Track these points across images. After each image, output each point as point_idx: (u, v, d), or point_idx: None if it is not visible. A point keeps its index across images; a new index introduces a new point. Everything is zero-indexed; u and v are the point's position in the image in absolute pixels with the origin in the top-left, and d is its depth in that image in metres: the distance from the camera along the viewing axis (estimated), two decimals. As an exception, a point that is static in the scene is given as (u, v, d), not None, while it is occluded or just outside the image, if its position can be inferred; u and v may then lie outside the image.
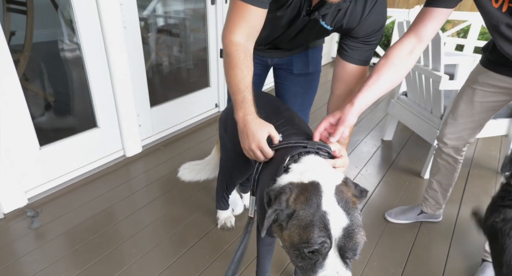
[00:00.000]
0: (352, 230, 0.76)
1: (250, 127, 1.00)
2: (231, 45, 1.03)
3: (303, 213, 0.78)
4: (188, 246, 1.73)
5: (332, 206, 0.78)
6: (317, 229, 0.75)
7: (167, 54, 3.32)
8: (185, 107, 2.89)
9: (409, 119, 2.53)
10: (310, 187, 0.82)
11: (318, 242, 0.74)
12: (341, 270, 0.76)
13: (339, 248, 0.76)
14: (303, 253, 0.77)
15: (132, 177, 2.31)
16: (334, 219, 0.76)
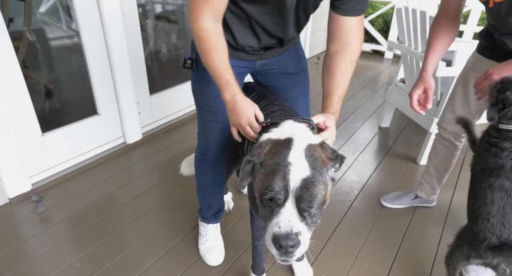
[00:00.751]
0: (311, 182, 0.77)
1: (238, 105, 1.02)
2: (201, 30, 1.00)
3: (270, 162, 0.82)
4: (188, 229, 1.78)
5: (297, 158, 0.80)
6: (276, 176, 0.78)
7: (165, 41, 3.31)
8: (184, 95, 2.90)
9: (406, 106, 2.54)
10: (284, 142, 0.86)
11: (275, 189, 0.77)
12: (294, 219, 0.77)
13: (296, 198, 0.77)
14: (264, 201, 0.80)
15: (132, 164, 2.35)
16: (296, 169, 0.78)
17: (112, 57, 2.15)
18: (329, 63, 1.16)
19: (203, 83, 1.27)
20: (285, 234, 0.76)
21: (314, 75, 4.08)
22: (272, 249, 0.79)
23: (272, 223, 0.79)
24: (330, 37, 1.17)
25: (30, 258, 1.59)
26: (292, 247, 0.76)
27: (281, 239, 0.75)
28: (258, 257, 1.38)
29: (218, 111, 1.28)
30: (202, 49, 1.02)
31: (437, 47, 1.39)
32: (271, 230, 0.78)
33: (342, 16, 1.09)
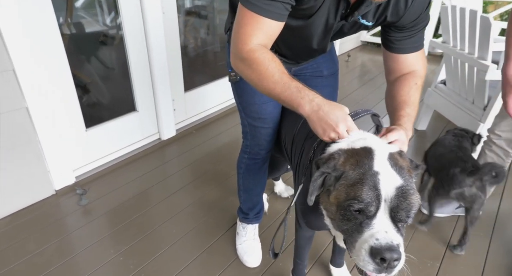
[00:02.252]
0: (407, 190, 0.72)
1: (330, 108, 0.87)
2: (252, 52, 0.91)
3: (352, 173, 0.76)
4: (224, 228, 1.80)
5: (384, 167, 0.75)
6: (365, 186, 0.72)
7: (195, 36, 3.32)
8: (216, 92, 2.91)
9: (447, 109, 2.45)
10: (362, 151, 0.80)
11: (365, 200, 0.71)
12: (391, 231, 0.71)
13: (391, 209, 0.72)
14: (349, 212, 0.74)
15: (167, 160, 2.39)
16: (386, 179, 0.73)
17: (151, 55, 2.18)
18: (391, 88, 1.07)
19: (248, 93, 1.28)
20: (386, 246, 0.70)
21: (345, 73, 4.01)
22: (369, 265, 0.72)
23: (365, 236, 0.73)
24: (388, 70, 1.12)
25: (76, 250, 1.66)
26: (395, 260, 0.70)
27: (384, 252, 0.69)
28: (301, 264, 1.37)
29: (267, 118, 1.31)
30: (257, 72, 0.92)
31: None
32: (366, 244, 0.72)
33: (399, 54, 1.05)
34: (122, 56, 2.16)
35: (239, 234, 1.68)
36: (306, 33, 1.04)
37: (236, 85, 1.31)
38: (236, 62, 0.97)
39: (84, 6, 2.29)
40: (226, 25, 1.31)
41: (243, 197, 1.60)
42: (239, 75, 1.24)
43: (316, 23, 0.99)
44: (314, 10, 0.94)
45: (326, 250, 1.66)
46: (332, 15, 0.97)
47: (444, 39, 2.38)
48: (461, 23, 2.10)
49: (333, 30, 1.03)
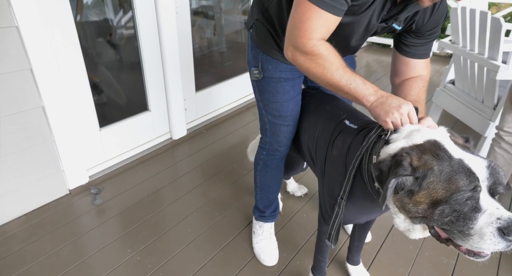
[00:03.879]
0: (495, 165, 0.77)
1: (392, 97, 0.93)
2: (317, 48, 0.94)
3: (439, 168, 0.77)
4: (240, 227, 1.81)
5: (462, 153, 0.78)
6: (464, 175, 0.74)
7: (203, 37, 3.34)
8: (226, 92, 2.93)
9: (456, 108, 2.48)
10: (429, 145, 0.80)
11: (471, 188, 0.74)
12: (499, 205, 0.75)
13: (489, 187, 0.76)
14: (454, 205, 0.75)
15: (179, 160, 2.40)
16: (473, 162, 0.76)
17: (164, 55, 2.19)
18: (400, 90, 1.14)
19: (271, 91, 1.30)
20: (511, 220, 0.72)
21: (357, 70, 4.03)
22: (499, 245, 0.74)
23: (481, 220, 0.74)
24: (396, 72, 1.17)
25: (93, 250, 1.66)
26: None
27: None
28: (323, 261, 1.38)
29: (288, 115, 1.33)
30: (322, 65, 0.95)
31: None
32: (490, 227, 0.73)
33: (412, 59, 1.11)
34: (136, 56, 2.16)
35: (256, 233, 1.69)
36: (348, 31, 1.06)
37: (258, 83, 1.32)
38: (296, 55, 0.98)
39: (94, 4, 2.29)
40: (249, 22, 1.32)
41: (260, 195, 1.61)
42: (263, 73, 1.26)
43: (362, 21, 1.01)
44: (364, 7, 0.96)
45: (342, 249, 1.68)
46: (375, 16, 1.00)
47: (453, 39, 2.40)
48: (471, 24, 2.12)
49: (373, 30, 1.07)
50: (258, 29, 1.24)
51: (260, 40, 1.24)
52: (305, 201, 2.01)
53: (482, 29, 2.04)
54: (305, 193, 2.05)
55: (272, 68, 1.25)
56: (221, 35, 3.36)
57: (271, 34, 1.20)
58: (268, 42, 1.22)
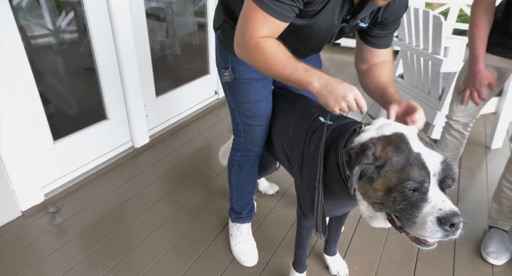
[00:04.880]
0: (449, 161, 0.82)
1: (331, 82, 0.95)
2: (258, 43, 0.96)
3: (396, 159, 0.83)
4: (216, 232, 1.78)
5: (421, 147, 0.84)
6: (416, 167, 0.80)
7: (157, 40, 3.24)
8: (187, 96, 2.86)
9: (407, 99, 2.66)
10: (395, 137, 0.86)
11: (419, 180, 0.80)
12: (446, 199, 0.81)
13: (439, 181, 0.81)
14: (403, 193, 0.81)
15: (144, 168, 2.30)
16: (429, 157, 0.82)
17: (121, 59, 2.09)
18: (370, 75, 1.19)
19: (242, 92, 1.30)
20: (451, 213, 0.78)
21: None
22: (437, 233, 0.79)
23: (425, 209, 0.80)
24: (362, 60, 1.22)
25: (59, 273, 1.53)
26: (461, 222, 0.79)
27: (452, 218, 0.78)
28: (303, 255, 1.41)
29: (261, 115, 1.34)
30: (266, 59, 0.98)
31: (485, 39, 1.46)
32: (431, 216, 0.79)
33: (377, 49, 1.18)
34: (90, 61, 2.03)
35: (233, 235, 1.67)
36: (308, 33, 1.08)
37: (229, 85, 1.31)
38: (241, 53, 1.01)
39: (30, 7, 2.10)
40: (216, 23, 1.30)
41: (236, 196, 1.60)
42: (233, 74, 1.26)
43: (319, 23, 1.03)
44: (318, 9, 0.98)
45: (318, 241, 1.72)
46: (336, 17, 1.03)
47: (400, 36, 2.58)
48: (415, 22, 2.30)
49: (335, 32, 1.09)
50: (225, 30, 1.23)
51: (228, 41, 1.23)
52: (278, 198, 2.04)
53: (425, 27, 2.22)
54: (277, 191, 2.07)
55: (242, 69, 1.25)
56: (174, 37, 3.28)
57: None
58: None
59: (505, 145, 2.58)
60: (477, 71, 1.49)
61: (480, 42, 1.44)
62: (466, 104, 1.63)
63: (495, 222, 1.67)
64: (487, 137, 2.70)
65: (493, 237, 1.65)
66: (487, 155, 2.51)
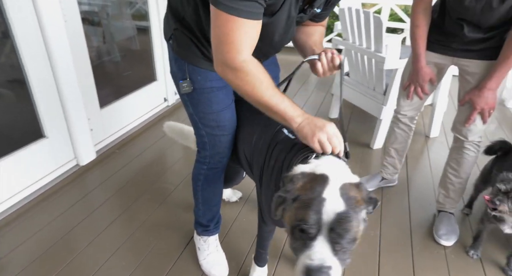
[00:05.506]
0: (345, 217, 0.78)
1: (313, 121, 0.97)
2: (246, 64, 0.94)
3: (304, 197, 0.83)
4: (181, 248, 1.69)
5: (332, 195, 0.82)
6: (310, 210, 0.79)
7: (93, 46, 3.00)
8: (134, 105, 2.70)
9: (354, 97, 2.79)
10: (319, 178, 0.86)
11: (308, 222, 0.78)
12: (326, 253, 0.78)
13: (329, 233, 0.78)
14: (296, 233, 0.81)
15: (92, 188, 2.10)
16: (330, 204, 0.79)
17: (57, 70, 1.88)
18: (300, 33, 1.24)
19: (205, 103, 1.24)
20: (317, 267, 0.76)
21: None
22: None
23: (304, 255, 0.79)
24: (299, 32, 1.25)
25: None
26: None
27: (313, 272, 0.76)
28: (264, 253, 1.45)
29: (226, 125, 1.29)
30: (250, 83, 0.95)
31: (425, 38, 1.55)
32: (302, 263, 0.79)
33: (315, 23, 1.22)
34: (16, 73, 1.80)
35: (201, 249, 1.60)
36: (270, 29, 1.04)
37: (189, 96, 1.23)
38: (226, 71, 0.96)
39: None
40: (167, 32, 1.22)
41: (203, 209, 1.53)
42: (193, 85, 1.19)
43: (280, 18, 1.00)
44: (278, 5, 0.96)
45: (286, 245, 1.72)
46: (293, 8, 1.00)
47: (344, 36, 2.70)
48: (357, 23, 2.42)
49: (294, 23, 1.07)
50: (178, 39, 1.16)
51: (183, 50, 1.16)
52: (242, 205, 2.00)
53: (367, 27, 2.34)
54: (240, 197, 2.03)
55: (201, 79, 1.19)
56: (112, 42, 3.07)
57: (194, 43, 1.13)
58: (192, 52, 1.15)
59: (441, 133, 2.83)
60: (419, 68, 1.60)
61: (421, 41, 1.55)
62: (412, 99, 1.75)
63: (443, 206, 1.82)
64: (425, 127, 2.94)
65: (442, 221, 1.79)
66: (427, 143, 2.73)
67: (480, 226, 1.57)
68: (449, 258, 1.66)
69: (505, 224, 1.42)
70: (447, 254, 1.68)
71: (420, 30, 1.53)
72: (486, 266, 1.60)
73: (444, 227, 1.75)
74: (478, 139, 1.62)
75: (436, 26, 1.54)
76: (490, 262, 1.63)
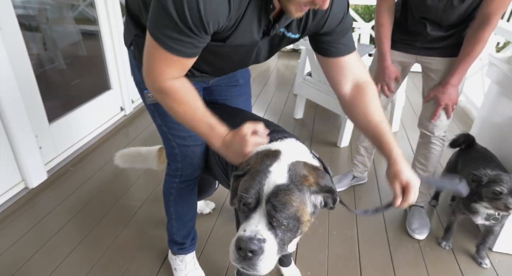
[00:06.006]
0: (284, 190, 0.75)
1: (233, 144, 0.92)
2: (166, 89, 0.90)
3: (253, 170, 0.82)
4: (155, 270, 1.56)
5: (279, 169, 0.79)
6: (253, 182, 0.78)
7: (33, 54, 2.70)
8: (88, 117, 2.48)
9: (317, 97, 2.81)
10: (271, 153, 0.86)
11: (249, 192, 0.77)
12: (261, 226, 0.75)
13: (267, 205, 0.76)
14: (241, 207, 0.80)
15: (45, 213, 1.88)
16: (273, 177, 0.78)
17: (-6, 84, 1.65)
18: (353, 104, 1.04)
19: None
20: (247, 237, 0.74)
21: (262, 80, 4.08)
22: (232, 254, 0.76)
23: (240, 227, 0.78)
24: (336, 82, 1.06)
25: None
26: (251, 252, 0.73)
27: (242, 242, 0.73)
28: None
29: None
30: (170, 102, 0.92)
31: (389, 37, 1.57)
32: (236, 234, 0.77)
33: (340, 57, 1.01)
34: None
35: (178, 269, 1.49)
36: (227, 51, 0.97)
37: (156, 107, 1.14)
38: (153, 92, 0.94)
39: None
40: (127, 38, 1.10)
41: (176, 226, 1.43)
42: None
43: (237, 43, 0.92)
44: (227, 34, 0.89)
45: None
46: (255, 34, 0.92)
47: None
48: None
49: (259, 47, 0.98)
50: (139, 45, 1.04)
51: None
52: (216, 216, 1.91)
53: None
54: (213, 208, 1.94)
55: None
56: (55, 49, 2.80)
57: None
58: None
59: (401, 128, 2.95)
60: (385, 66, 1.62)
61: (386, 40, 1.58)
62: (379, 97, 1.77)
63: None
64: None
65: (414, 215, 1.84)
66: (389, 138, 2.83)
67: (451, 218, 1.64)
68: (423, 251, 1.71)
69: (479, 216, 1.49)
70: (421, 247, 1.73)
71: (385, 29, 1.56)
72: (458, 255, 1.68)
73: (416, 221, 1.80)
74: (443, 133, 1.69)
75: (399, 25, 1.57)
76: (461, 251, 1.70)
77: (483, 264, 1.59)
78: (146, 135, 2.71)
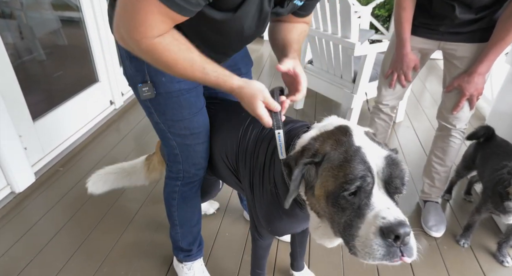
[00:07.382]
0: (395, 158, 0.69)
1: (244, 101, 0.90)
2: (154, 45, 0.78)
3: (334, 153, 0.70)
4: (161, 280, 1.45)
5: (365, 141, 0.72)
6: (354, 162, 0.67)
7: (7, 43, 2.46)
8: (75, 112, 2.29)
9: (319, 86, 2.68)
10: (337, 130, 0.76)
11: (358, 176, 0.65)
12: (392, 206, 0.66)
13: (385, 181, 0.67)
14: (343, 200, 0.67)
15: (35, 220, 1.73)
16: (371, 151, 0.69)
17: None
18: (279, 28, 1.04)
19: (174, 108, 1.03)
20: (396, 222, 0.62)
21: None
22: (381, 249, 0.63)
23: (368, 219, 0.65)
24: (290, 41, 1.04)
25: None
26: (408, 235, 0.64)
27: (396, 228, 0.61)
28: (262, 273, 1.28)
29: (201, 131, 1.11)
30: (164, 61, 0.80)
31: (410, 22, 1.45)
32: (373, 227, 0.63)
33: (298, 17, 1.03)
34: None
35: None
36: (236, 26, 0.86)
37: (153, 103, 1.02)
38: (140, 52, 0.80)
39: None
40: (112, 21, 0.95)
41: (181, 232, 1.31)
42: (155, 89, 0.98)
43: (246, 13, 0.82)
44: (237, 2, 0.78)
45: (278, 258, 1.56)
46: (266, 3, 0.83)
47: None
48: (322, 7, 2.27)
49: (269, 17, 0.90)
50: None
51: None
52: (221, 217, 1.80)
53: (332, 11, 2.20)
54: (217, 208, 1.83)
55: (166, 80, 0.97)
56: (33, 38, 2.57)
57: None
58: None
59: (405, 118, 2.86)
60: (404, 54, 1.50)
61: (407, 25, 1.45)
62: (394, 87, 1.66)
63: (429, 196, 1.80)
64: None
65: (430, 211, 1.76)
66: (394, 128, 2.74)
67: (475, 216, 1.56)
68: (441, 249, 1.64)
69: (510, 215, 1.41)
70: (438, 245, 1.66)
71: (407, 13, 1.42)
72: (477, 253, 1.61)
73: (433, 217, 1.72)
74: (464, 126, 1.59)
75: (422, 9, 1.44)
76: (480, 249, 1.64)
77: (505, 262, 1.53)
78: (139, 129, 2.54)
